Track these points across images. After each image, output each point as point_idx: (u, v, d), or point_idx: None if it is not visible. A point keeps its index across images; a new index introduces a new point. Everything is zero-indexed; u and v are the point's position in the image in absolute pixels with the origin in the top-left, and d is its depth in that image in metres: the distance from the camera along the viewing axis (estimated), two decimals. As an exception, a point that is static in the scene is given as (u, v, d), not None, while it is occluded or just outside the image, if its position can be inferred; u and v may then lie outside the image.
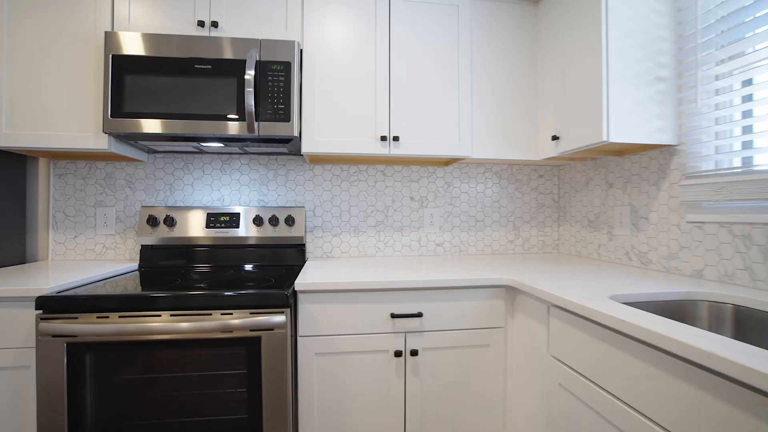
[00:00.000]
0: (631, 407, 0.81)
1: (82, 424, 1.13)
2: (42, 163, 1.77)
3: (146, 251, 1.71)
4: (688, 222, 1.32)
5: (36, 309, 1.12)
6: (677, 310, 1.08)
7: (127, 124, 1.42)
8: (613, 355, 0.86)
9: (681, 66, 1.35)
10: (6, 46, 1.45)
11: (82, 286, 1.29)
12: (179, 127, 1.44)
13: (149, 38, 1.44)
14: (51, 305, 1.12)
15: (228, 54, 1.46)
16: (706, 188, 1.23)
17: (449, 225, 2.00)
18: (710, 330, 1.07)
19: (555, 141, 1.59)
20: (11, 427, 1.16)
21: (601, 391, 0.90)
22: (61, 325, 1.10)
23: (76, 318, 1.13)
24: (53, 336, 1.12)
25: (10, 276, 1.33)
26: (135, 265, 1.70)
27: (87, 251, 1.79)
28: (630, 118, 1.33)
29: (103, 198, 1.80)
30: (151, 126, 1.42)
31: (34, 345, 1.16)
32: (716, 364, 0.61)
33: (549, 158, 1.70)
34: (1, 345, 1.15)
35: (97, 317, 1.14)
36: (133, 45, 1.43)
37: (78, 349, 1.13)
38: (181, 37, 1.45)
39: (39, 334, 1.11)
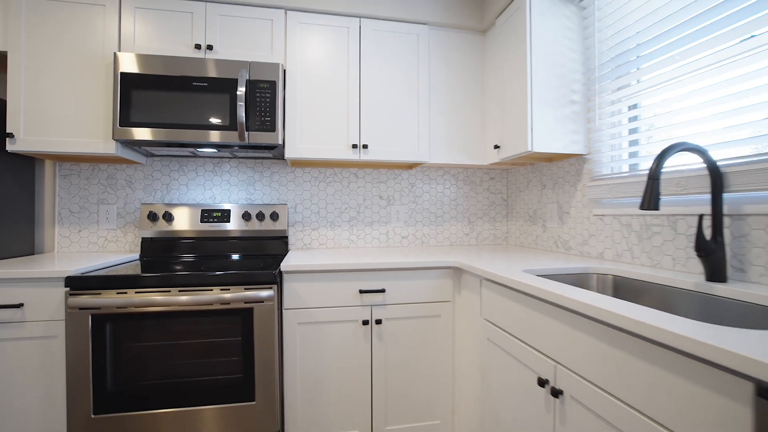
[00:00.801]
0: (531, 347, 1.14)
1: (103, 384, 1.38)
2: (48, 164, 1.97)
3: (146, 243, 1.94)
4: (594, 215, 1.68)
5: (65, 287, 1.36)
6: (574, 281, 1.43)
7: (133, 132, 1.66)
8: (520, 310, 1.19)
9: (588, 92, 1.71)
10: (24, 61, 1.66)
11: (98, 270, 1.53)
12: (179, 135, 1.69)
13: (153, 59, 1.68)
14: (78, 283, 1.36)
15: (222, 73, 1.72)
16: (603, 189, 1.59)
17: (413, 220, 2.32)
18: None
19: (497, 149, 1.93)
20: (42, 389, 1.39)
21: (514, 339, 1.22)
22: (87, 299, 1.34)
23: (100, 294, 1.37)
24: (80, 309, 1.36)
25: (26, 264, 1.54)
26: (136, 255, 1.93)
27: (90, 244, 2.01)
28: (550, 133, 1.68)
29: (105, 196, 2.02)
30: (155, 134, 1.67)
31: (63, 318, 1.39)
32: (568, 303, 0.93)
33: (494, 163, 2.04)
34: (32, 318, 1.38)
35: (117, 293, 1.38)
36: (138, 64, 1.67)
37: (100, 320, 1.37)
38: (181, 59, 1.70)
39: (68, 307, 1.34)
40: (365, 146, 1.91)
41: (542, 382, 1.04)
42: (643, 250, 1.43)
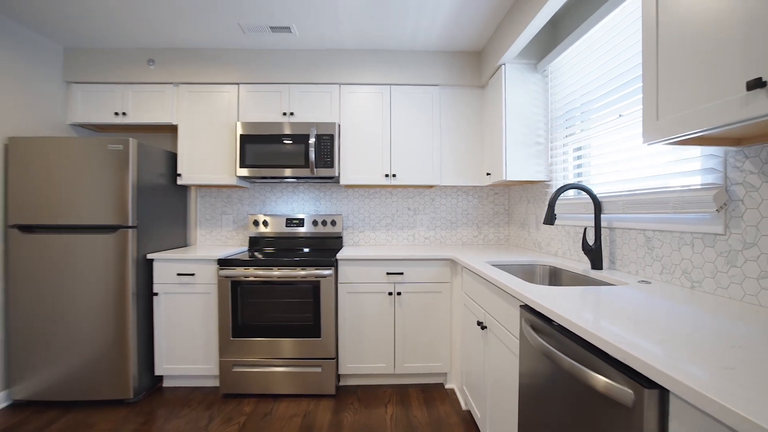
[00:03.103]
0: (477, 303, 1.90)
1: (236, 320, 2.37)
2: (193, 190, 3.08)
3: (252, 240, 2.97)
4: (555, 224, 2.35)
5: (217, 264, 2.38)
6: (525, 269, 2.14)
7: (246, 171, 2.66)
8: (479, 285, 1.95)
9: (549, 136, 2.38)
10: (186, 129, 2.74)
11: (230, 255, 2.54)
12: (273, 171, 2.65)
13: (258, 124, 2.66)
14: (223, 262, 2.37)
15: (299, 131, 2.66)
16: (558, 207, 2.27)
17: (433, 225, 3.11)
18: (538, 279, 2.12)
19: (488, 176, 2.66)
20: (205, 321, 2.43)
21: (472, 301, 1.99)
22: (228, 272, 2.35)
23: (234, 269, 2.37)
24: (224, 277, 2.36)
25: (189, 251, 2.60)
26: (246, 248, 2.96)
27: (217, 240, 3.08)
28: (520, 165, 2.38)
29: (226, 209, 3.08)
30: (258, 172, 2.65)
31: (215, 282, 2.42)
32: (486, 277, 1.69)
33: (489, 185, 2.76)
34: (199, 282, 2.42)
35: (243, 269, 2.37)
36: (249, 128, 2.66)
37: (234, 284, 2.37)
38: (274, 123, 2.66)
39: (219, 276, 2.36)
40: (394, 175, 2.75)
41: (479, 323, 1.81)
42: (574, 249, 2.10)
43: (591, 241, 1.94)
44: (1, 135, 2.29)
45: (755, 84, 0.80)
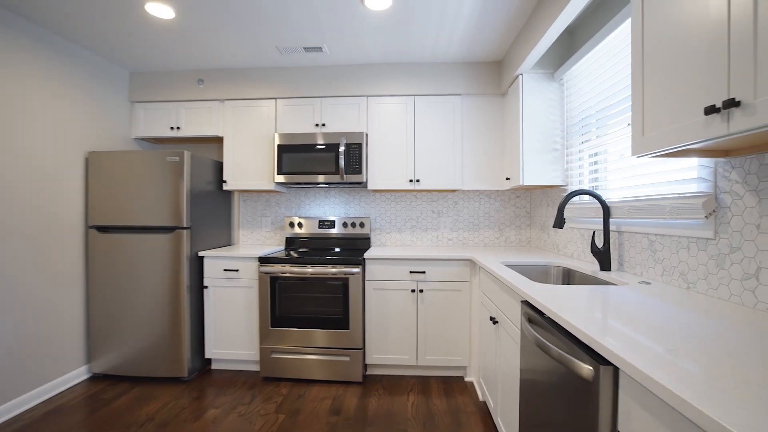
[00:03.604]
0: (491, 301, 2.05)
1: (274, 312, 2.65)
2: (236, 195, 3.41)
3: (288, 240, 3.25)
4: (569, 227, 2.45)
5: (258, 261, 2.67)
6: (539, 270, 2.26)
7: (283, 177, 2.93)
8: (492, 284, 2.10)
9: (564, 143, 2.48)
10: (231, 140, 3.06)
11: (269, 254, 2.82)
12: (307, 178, 2.91)
13: (293, 135, 2.93)
14: (263, 260, 2.66)
15: (330, 140, 2.90)
16: (571, 211, 2.36)
17: (456, 227, 3.26)
18: (552, 279, 2.24)
19: (508, 180, 2.79)
20: (247, 312, 2.73)
21: (487, 298, 2.14)
22: (267, 268, 2.63)
23: (273, 266, 2.65)
24: (264, 273, 2.65)
25: (233, 250, 2.91)
26: (282, 247, 3.24)
27: (257, 240, 3.39)
28: (537, 170, 2.50)
29: (264, 212, 3.39)
30: (294, 178, 2.92)
31: (256, 277, 2.71)
32: (498, 276, 1.85)
33: (509, 189, 2.88)
34: (243, 277, 2.72)
35: (281, 266, 2.64)
36: (286, 139, 2.93)
37: (273, 279, 2.65)
38: (308, 134, 2.92)
39: (259, 272, 2.64)
40: (418, 180, 2.93)
41: (492, 319, 1.96)
42: (588, 251, 2.20)
43: (600, 243, 2.04)
44: (83, 150, 2.70)
45: (711, 110, 0.93)
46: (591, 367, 0.90)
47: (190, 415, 2.23)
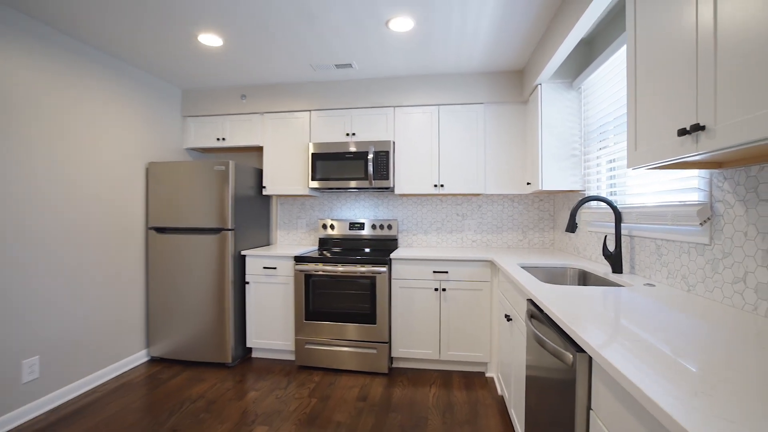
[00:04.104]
0: (507, 300, 2.19)
1: (308, 306, 2.91)
2: (274, 199, 3.71)
3: (321, 241, 3.51)
4: (588, 231, 2.53)
5: (294, 260, 2.94)
6: (555, 272, 2.36)
7: (317, 183, 3.19)
8: (507, 284, 2.24)
9: (583, 149, 2.56)
10: (270, 149, 3.35)
11: (303, 253, 3.08)
12: (338, 183, 3.15)
13: (326, 144, 3.18)
14: (299, 259, 2.92)
15: (360, 149, 3.13)
16: (590, 215, 2.45)
17: (480, 230, 3.39)
18: (568, 281, 2.33)
19: (528, 185, 2.89)
20: (282, 308, 3.01)
21: (505, 299, 2.28)
22: (302, 266, 2.89)
23: (307, 264, 2.91)
24: (299, 271, 2.91)
25: (271, 249, 3.20)
26: (316, 247, 3.51)
27: (293, 240, 3.68)
28: (555, 176, 2.59)
29: (299, 214, 3.67)
30: (326, 183, 3.17)
31: (292, 275, 2.98)
32: (510, 277, 1.99)
33: (531, 193, 2.98)
34: (280, 274, 3.00)
35: (314, 264, 2.90)
36: (319, 148, 3.18)
37: (307, 277, 2.91)
38: (339, 143, 3.16)
39: (295, 270, 2.91)
40: (442, 185, 3.10)
41: (506, 316, 2.10)
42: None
43: (612, 247, 2.12)
44: (144, 160, 3.08)
45: (683, 132, 1.05)
46: (571, 355, 1.05)
47: (234, 396, 2.52)
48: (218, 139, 3.46)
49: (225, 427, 2.15)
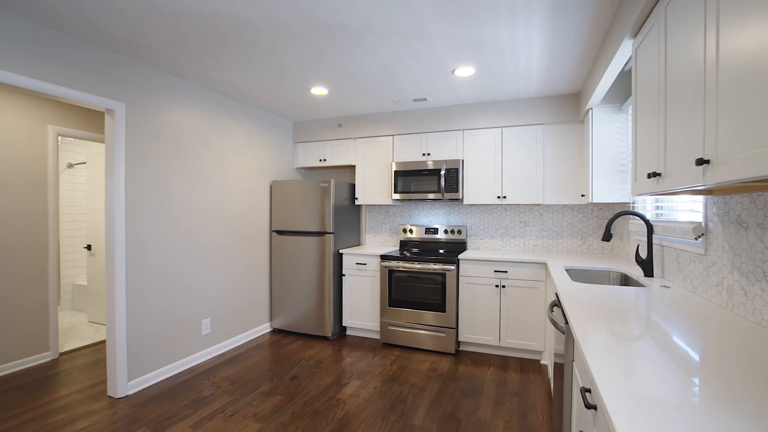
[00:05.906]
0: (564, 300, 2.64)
1: (390, 296, 3.62)
2: (363, 207, 4.52)
3: (402, 243, 4.22)
4: (636, 239, 2.83)
5: (380, 258, 3.68)
6: (599, 275, 2.73)
7: (399, 195, 3.89)
8: (554, 282, 2.68)
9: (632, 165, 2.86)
10: (361, 167, 4.15)
11: (387, 253, 3.80)
12: (418, 195, 3.81)
13: (405, 163, 3.86)
14: (383, 257, 3.66)
15: (434, 167, 3.75)
16: (635, 225, 2.76)
17: (541, 235, 3.78)
18: (610, 283, 2.68)
19: (583, 197, 3.24)
20: (370, 296, 3.77)
21: (553, 296, 2.72)
22: (386, 263, 3.61)
23: (390, 262, 3.62)
24: (384, 267, 3.64)
25: (361, 249, 3.98)
26: (397, 248, 4.21)
27: (378, 242, 4.44)
28: (605, 189, 2.93)
29: (384, 220, 4.42)
30: (406, 196, 3.85)
31: (378, 270, 3.73)
32: (553, 277, 2.46)
33: (587, 203, 3.31)
34: (369, 269, 3.77)
35: (396, 262, 3.60)
36: (400, 166, 3.88)
37: (390, 272, 3.63)
38: (417, 161, 3.82)
39: (380, 266, 3.65)
40: (504, 197, 3.58)
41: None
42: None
43: (644, 254, 2.45)
44: (269, 179, 4.09)
45: (653, 174, 1.50)
46: (564, 326, 1.57)
47: (334, 359, 3.33)
48: (320, 160, 4.36)
49: (331, 378, 2.95)
